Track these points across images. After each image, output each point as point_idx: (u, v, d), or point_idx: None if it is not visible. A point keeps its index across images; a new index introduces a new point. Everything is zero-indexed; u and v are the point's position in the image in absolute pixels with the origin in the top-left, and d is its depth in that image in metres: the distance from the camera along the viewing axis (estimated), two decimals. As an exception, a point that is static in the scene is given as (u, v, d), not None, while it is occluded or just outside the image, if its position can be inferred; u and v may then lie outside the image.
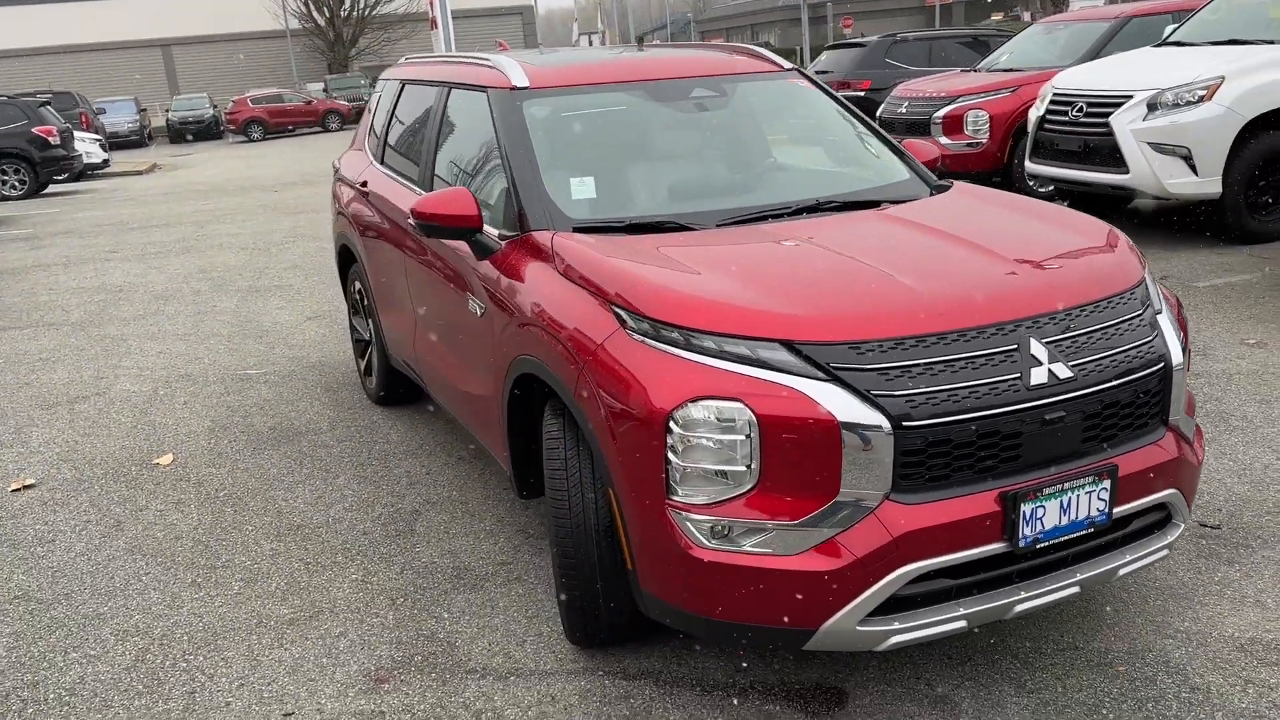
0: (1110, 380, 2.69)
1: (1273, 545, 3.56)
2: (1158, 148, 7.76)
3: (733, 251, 3.11)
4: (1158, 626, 3.16)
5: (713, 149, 3.98)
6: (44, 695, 3.14)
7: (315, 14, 50.00)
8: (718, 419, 2.52)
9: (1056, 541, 2.65)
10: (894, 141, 4.11)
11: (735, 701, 2.92)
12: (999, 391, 2.56)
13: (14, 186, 19.15)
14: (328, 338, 7.14)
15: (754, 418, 2.49)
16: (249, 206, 15.06)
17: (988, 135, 10.09)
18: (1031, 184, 9.73)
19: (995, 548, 2.58)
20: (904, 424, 2.49)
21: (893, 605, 2.56)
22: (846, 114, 4.23)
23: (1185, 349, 2.94)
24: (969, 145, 10.20)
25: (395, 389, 5.39)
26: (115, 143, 35.40)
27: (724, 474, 2.54)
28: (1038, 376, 2.59)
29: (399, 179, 4.71)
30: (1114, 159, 8.02)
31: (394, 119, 5.10)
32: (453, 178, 4.18)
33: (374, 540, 4.03)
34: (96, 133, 28.07)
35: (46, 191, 20.05)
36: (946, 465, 2.55)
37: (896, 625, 2.57)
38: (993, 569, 2.62)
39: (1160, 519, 2.90)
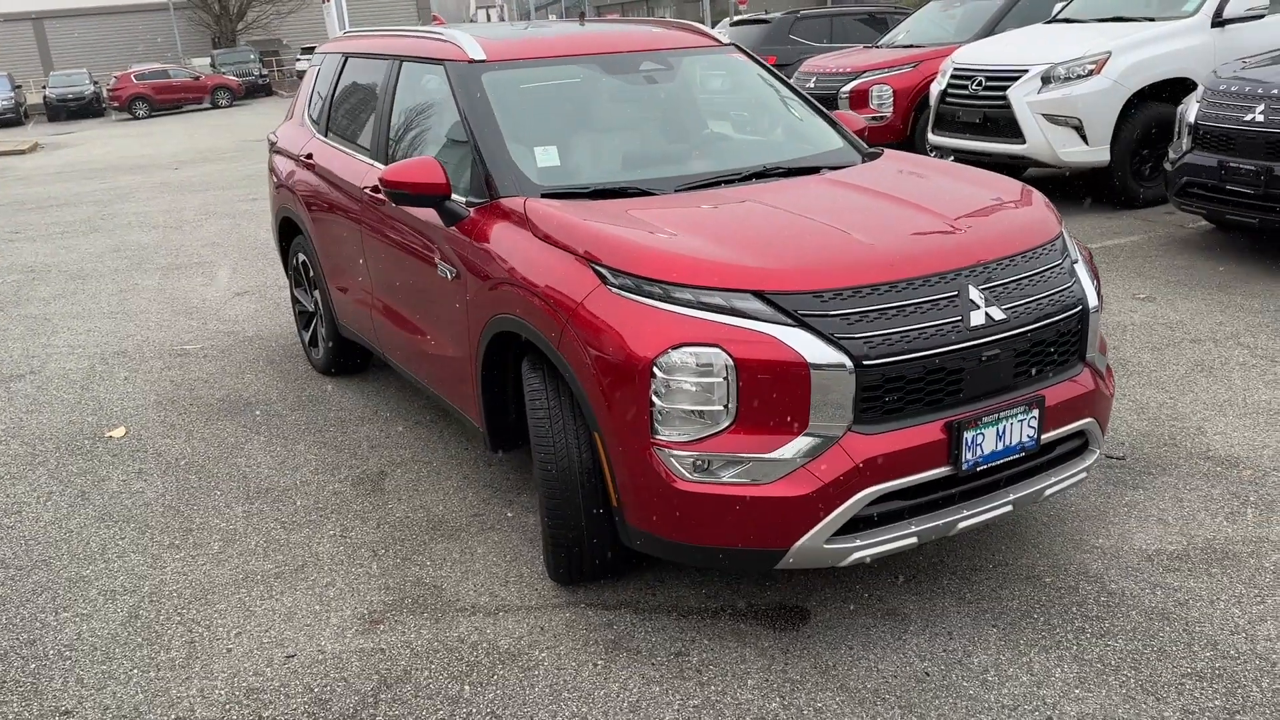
0: (1037, 321, 3.03)
1: (1170, 472, 4.00)
2: (1051, 119, 8.28)
3: (698, 213, 3.37)
4: (1076, 543, 3.55)
5: (664, 119, 4.22)
6: (44, 652, 3.24)
7: (199, -14, 48.29)
8: (697, 364, 2.78)
9: (993, 465, 2.99)
10: (826, 112, 4.41)
11: (709, 623, 3.20)
12: (944, 333, 2.88)
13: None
14: (260, 312, 7.16)
15: (731, 361, 2.75)
16: (150, 185, 14.70)
17: (892, 109, 10.54)
18: (933, 155, 10.21)
19: (941, 471, 2.91)
20: (864, 363, 2.79)
21: (854, 525, 2.87)
22: (782, 85, 4.51)
23: (1099, 294, 3.31)
24: (874, 119, 10.63)
25: (344, 359, 5.50)
26: (-11, 121, 33.74)
27: (703, 413, 2.80)
28: (976, 319, 2.92)
29: (349, 151, 4.83)
30: (1012, 130, 8.53)
31: (338, 92, 5.19)
32: (410, 148, 4.33)
33: (345, 499, 4.19)
34: (-30, 110, 26.74)
35: (-77, 172, 19.12)
36: (900, 399, 2.86)
37: (858, 542, 2.88)
38: (939, 490, 2.96)
39: (1079, 445, 3.28)
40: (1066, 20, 9.43)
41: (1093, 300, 3.21)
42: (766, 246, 3.01)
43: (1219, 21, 8.29)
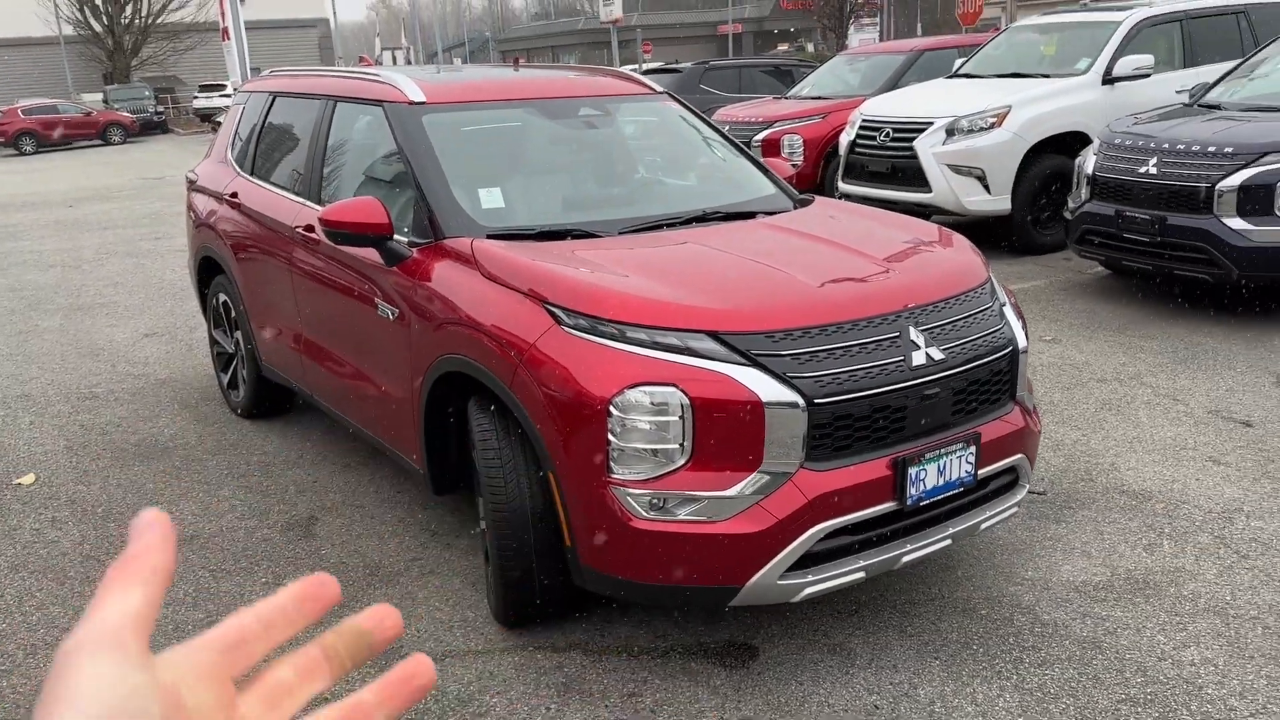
0: (972, 361, 3.16)
1: (1089, 506, 4.18)
2: (956, 169, 8.64)
3: (645, 255, 3.42)
4: (1007, 576, 3.67)
5: (604, 163, 4.29)
6: (-40, 712, 3.07)
7: (92, 21, 46.90)
8: (653, 403, 2.81)
9: (935, 500, 3.09)
10: (758, 160, 4.53)
11: (660, 662, 3.21)
12: (888, 372, 2.98)
13: None
14: (171, 354, 6.95)
15: (687, 400, 2.80)
16: (44, 223, 14.14)
17: (803, 157, 10.84)
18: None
19: (887, 506, 2.99)
20: (815, 401, 2.86)
21: (805, 561, 2.93)
22: (715, 133, 4.63)
23: (1026, 335, 3.47)
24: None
25: (265, 401, 5.38)
26: None
27: (659, 452, 2.83)
28: (918, 359, 3.03)
29: (278, 190, 4.76)
30: (918, 179, 8.86)
31: (265, 131, 5.12)
32: (343, 188, 4.30)
33: (275, 546, 4.08)
34: None
35: None
36: (848, 436, 2.95)
37: (810, 578, 2.94)
38: (885, 525, 3.04)
39: (1010, 481, 3.41)
40: (967, 75, 9.88)
41: (1021, 341, 3.36)
42: (718, 288, 3.08)
43: (1109, 79, 8.79)
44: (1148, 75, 8.75)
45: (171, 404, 5.86)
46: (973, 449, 3.13)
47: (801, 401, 2.84)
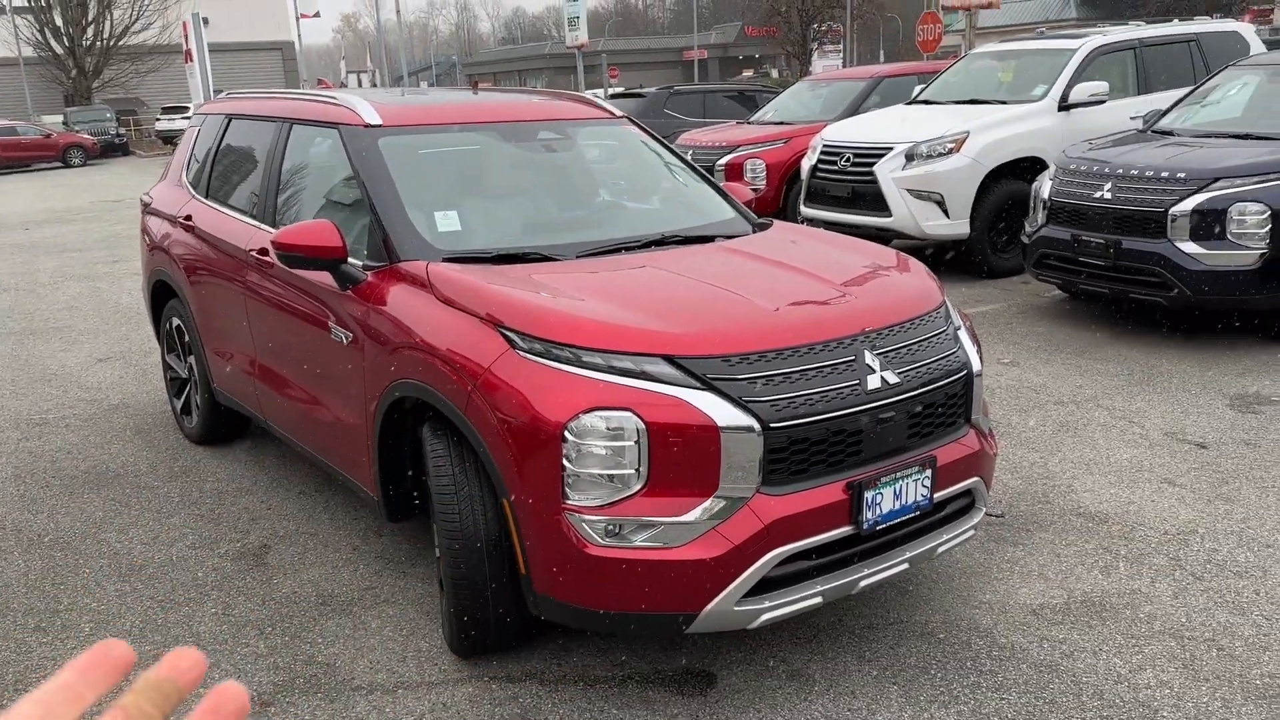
0: (928, 385, 3.16)
1: (1046, 528, 4.20)
2: (915, 194, 8.72)
3: (602, 279, 3.40)
4: (965, 599, 3.67)
5: (562, 187, 4.27)
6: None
7: (53, 42, 46.40)
8: (609, 427, 2.79)
9: (892, 524, 3.08)
10: (717, 184, 4.54)
11: (617, 691, 3.17)
12: (844, 395, 2.97)
13: None
14: (125, 379, 6.83)
15: (643, 425, 2.77)
16: (1, 246, 13.91)
17: (765, 182, 10.91)
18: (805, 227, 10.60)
19: (844, 530, 2.98)
20: (771, 425, 2.85)
21: (762, 586, 2.90)
22: (674, 157, 4.63)
23: (981, 358, 3.48)
24: (750, 191, 10.96)
25: (220, 427, 5.29)
26: None
27: (615, 477, 2.80)
28: (873, 382, 3.03)
29: (233, 213, 4.70)
30: (878, 204, 8.94)
31: (220, 153, 5.07)
32: (298, 211, 4.25)
33: (226, 575, 4.00)
34: None
35: None
36: (804, 460, 2.93)
37: (767, 604, 2.91)
38: (842, 550, 3.02)
39: (966, 504, 3.41)
40: (926, 102, 9.99)
41: (976, 365, 3.38)
42: (674, 312, 3.06)
43: (1065, 106, 8.93)
44: (1103, 102, 8.90)
45: (124, 430, 5.75)
46: (929, 472, 3.13)
47: (757, 426, 2.83)
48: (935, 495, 3.18)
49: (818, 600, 2.99)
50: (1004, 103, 9.28)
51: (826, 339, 3.03)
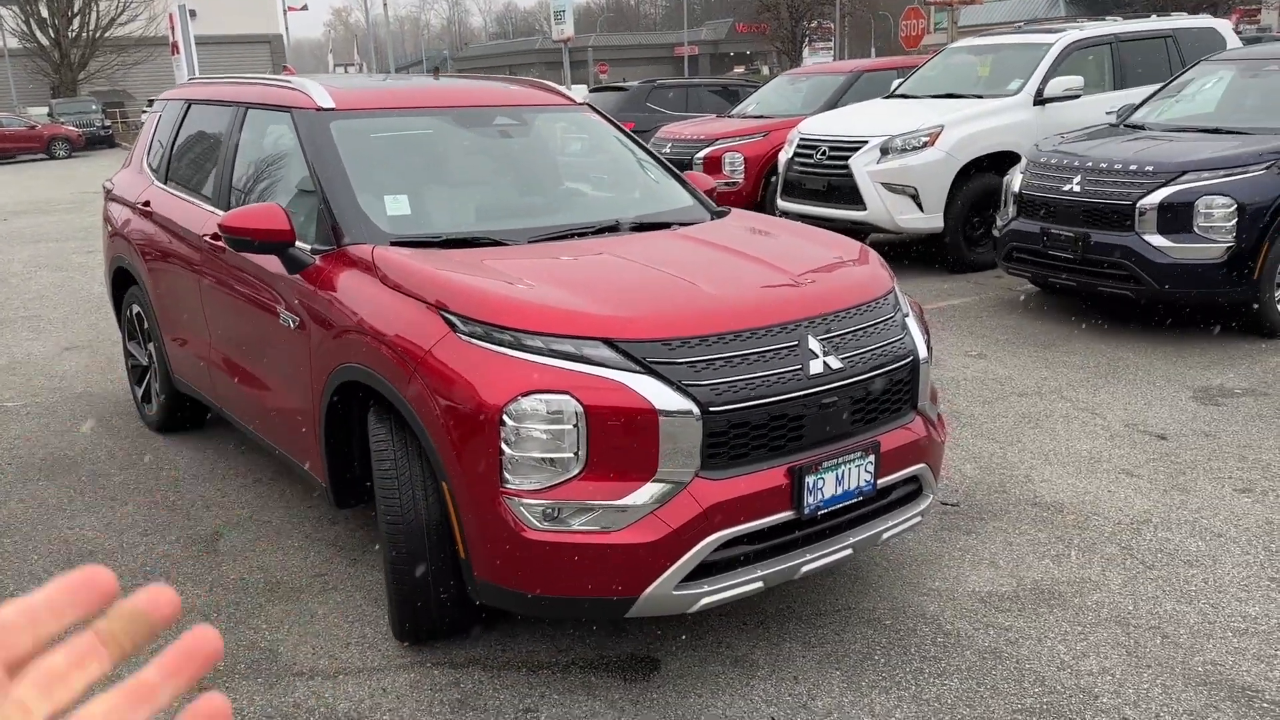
0: (872, 370, 3.16)
1: (1000, 517, 4.20)
2: (890, 187, 8.72)
3: (550, 263, 3.39)
4: (914, 586, 3.67)
5: (517, 173, 4.26)
6: None
7: (39, 33, 46.09)
8: (547, 411, 2.77)
9: (834, 509, 3.08)
10: (677, 172, 4.52)
11: (559, 677, 3.15)
12: (785, 380, 2.96)
13: None
14: (90, 368, 6.78)
15: (581, 408, 2.76)
16: (-26, 236, 13.82)
17: (743, 175, 10.90)
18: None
19: (785, 515, 2.97)
20: (710, 409, 2.84)
21: (702, 570, 2.89)
22: (634, 145, 4.61)
23: (929, 346, 3.48)
24: (727, 184, 10.95)
25: (178, 415, 5.26)
26: None
27: (554, 461, 2.79)
28: (815, 367, 3.02)
29: (190, 198, 4.67)
30: (853, 197, 8.93)
31: (179, 139, 5.03)
32: (253, 196, 4.22)
33: (175, 561, 3.97)
34: None
35: None
36: (745, 444, 2.92)
37: (706, 588, 2.90)
38: (783, 535, 3.01)
39: (913, 490, 3.41)
40: (903, 96, 9.99)
41: (922, 352, 3.37)
42: (617, 296, 3.05)
43: (1040, 100, 8.94)
44: (1078, 96, 8.91)
45: (85, 418, 5.71)
46: (872, 458, 3.13)
47: (696, 410, 2.81)
48: (879, 481, 3.17)
49: (758, 585, 2.99)
50: (980, 97, 9.27)
51: (769, 324, 3.02)
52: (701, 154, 11.00)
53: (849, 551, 3.18)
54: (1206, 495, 4.33)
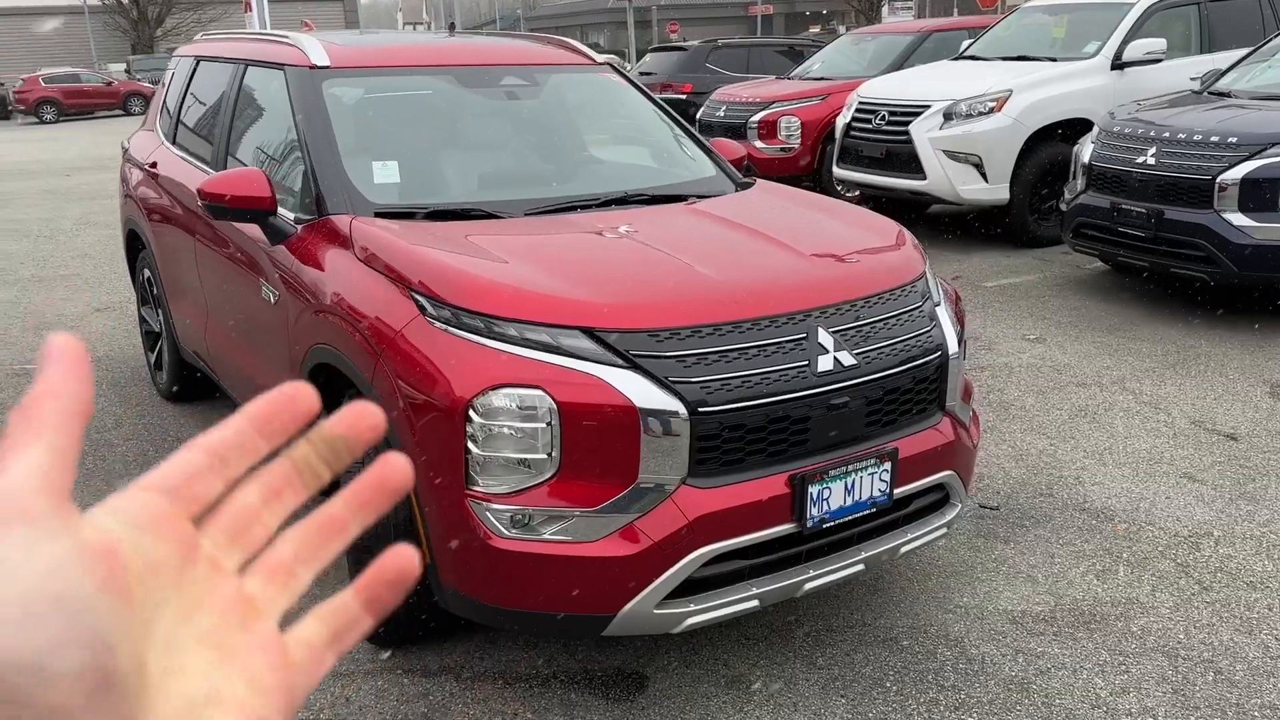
0: (891, 368, 2.82)
1: (1044, 524, 3.83)
2: (952, 155, 8.22)
3: (539, 240, 3.10)
4: (940, 602, 3.34)
5: (523, 138, 3.96)
6: None
7: (117, -9, 46.87)
8: (518, 407, 2.50)
9: (842, 521, 2.75)
10: (702, 139, 4.18)
11: (537, 691, 2.90)
12: (788, 378, 2.64)
13: None
14: (116, 330, 6.69)
15: (554, 405, 2.48)
16: (35, 191, 13.97)
17: (799, 140, 10.44)
18: (840, 189, 10.14)
19: (785, 528, 2.66)
20: (700, 410, 2.53)
21: (689, 587, 2.61)
22: (658, 110, 4.28)
23: (961, 340, 3.12)
24: (782, 150, 10.52)
25: (187, 383, 5.10)
26: (-118, 120, 32.20)
27: (525, 462, 2.52)
28: (824, 364, 2.69)
29: (191, 160, 4.47)
30: (913, 165, 8.45)
31: (187, 98, 4.83)
32: (247, 159, 3.99)
33: (161, 542, 3.80)
34: None
35: None
36: (740, 449, 2.61)
37: (693, 607, 2.61)
38: (783, 549, 2.71)
39: (939, 499, 3.07)
40: (972, 58, 9.43)
41: (953, 346, 3.01)
42: (603, 279, 2.76)
43: (1118, 64, 8.34)
44: (1159, 60, 8.28)
45: (100, 384, 5.59)
46: (888, 466, 2.79)
47: (683, 410, 2.51)
48: (896, 491, 2.84)
49: (754, 604, 2.69)
50: (1054, 60, 8.69)
51: (773, 313, 2.70)
52: (756, 118, 10.55)
53: (860, 568, 2.87)
54: (1278, 507, 3.90)
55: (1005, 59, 9.02)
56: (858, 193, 9.81)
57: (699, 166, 3.98)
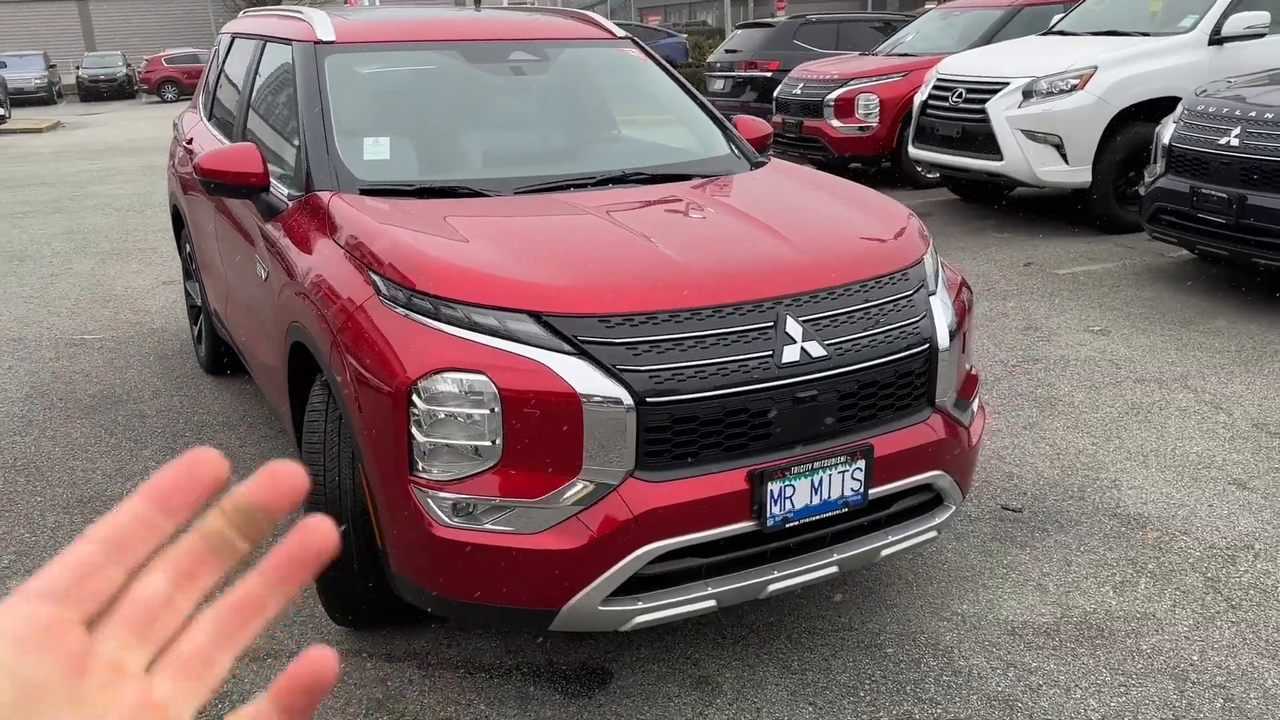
0: (868, 360, 2.64)
1: (1068, 529, 3.59)
2: (1030, 135, 7.82)
3: (513, 221, 3.02)
4: (935, 608, 3.15)
5: (525, 114, 3.87)
6: None
7: (235, -29, 48.41)
8: (461, 392, 2.42)
9: (810, 521, 2.60)
10: (720, 116, 4.03)
11: (497, 682, 2.84)
12: (748, 369, 2.50)
13: (-107, 139, 18.21)
14: (177, 303, 6.85)
15: (497, 391, 2.39)
16: (137, 168, 14.53)
17: (878, 119, 10.11)
18: (919, 169, 9.79)
19: (743, 526, 2.53)
20: (648, 400, 2.41)
21: (639, 584, 2.50)
22: (676, 86, 4.14)
23: (959, 331, 2.91)
24: (860, 129, 10.21)
25: (222, 357, 5.19)
26: (22, 99, 34.02)
27: (467, 449, 2.44)
28: (789, 355, 2.54)
29: (218, 136, 4.52)
30: (989, 146, 8.07)
31: (221, 74, 4.89)
32: (259, 135, 4.00)
33: (169, 513, 3.86)
34: (-7, 87, 26.85)
35: (-69, 146, 19.13)
36: (693, 442, 2.48)
37: (640, 605, 2.51)
38: (743, 548, 2.57)
39: (929, 500, 2.88)
40: (1060, 33, 8.96)
41: (943, 339, 2.81)
42: (559, 261, 2.65)
43: (1216, 39, 7.79)
44: (1263, 35, 7.71)
45: (149, 356, 5.75)
46: (862, 463, 2.63)
47: (629, 399, 2.40)
48: (873, 490, 2.67)
49: (710, 604, 2.57)
50: (1146, 35, 8.18)
51: (737, 300, 2.55)
52: (833, 95, 10.26)
53: (833, 570, 2.71)
54: (1333, 520, 3.58)
55: (1095, 34, 8.54)
56: (937, 174, 9.45)
57: (711, 145, 3.83)
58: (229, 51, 4.89)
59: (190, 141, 4.88)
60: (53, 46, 45.69)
